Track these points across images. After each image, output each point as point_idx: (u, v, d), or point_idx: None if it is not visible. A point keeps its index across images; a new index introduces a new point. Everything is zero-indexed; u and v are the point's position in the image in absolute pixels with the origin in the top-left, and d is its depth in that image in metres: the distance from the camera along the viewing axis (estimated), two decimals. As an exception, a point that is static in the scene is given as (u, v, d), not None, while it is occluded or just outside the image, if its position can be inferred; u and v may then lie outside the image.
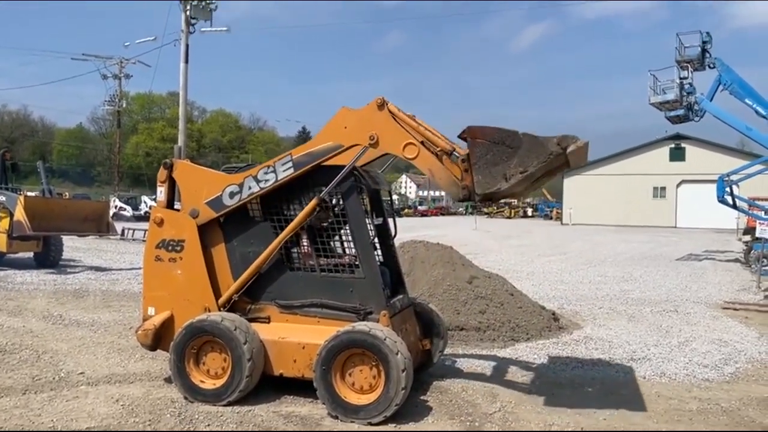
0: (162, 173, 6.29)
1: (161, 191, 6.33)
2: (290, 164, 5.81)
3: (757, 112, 19.76)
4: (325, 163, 5.80)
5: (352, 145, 5.69)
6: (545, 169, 5.15)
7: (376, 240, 6.41)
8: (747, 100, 19.84)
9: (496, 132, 5.18)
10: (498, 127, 5.21)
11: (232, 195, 5.96)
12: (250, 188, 5.90)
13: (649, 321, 10.68)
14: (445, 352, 7.13)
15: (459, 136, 5.33)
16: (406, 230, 29.44)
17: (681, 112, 21.27)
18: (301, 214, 5.79)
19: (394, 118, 5.60)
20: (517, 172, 5.04)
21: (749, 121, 20.34)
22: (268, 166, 5.90)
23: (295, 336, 5.75)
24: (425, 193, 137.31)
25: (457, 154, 5.43)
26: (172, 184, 6.33)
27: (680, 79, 20.98)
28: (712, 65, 20.76)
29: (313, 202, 5.75)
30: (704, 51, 20.81)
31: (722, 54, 20.78)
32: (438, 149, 5.46)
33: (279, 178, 5.83)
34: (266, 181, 5.86)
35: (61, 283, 13.44)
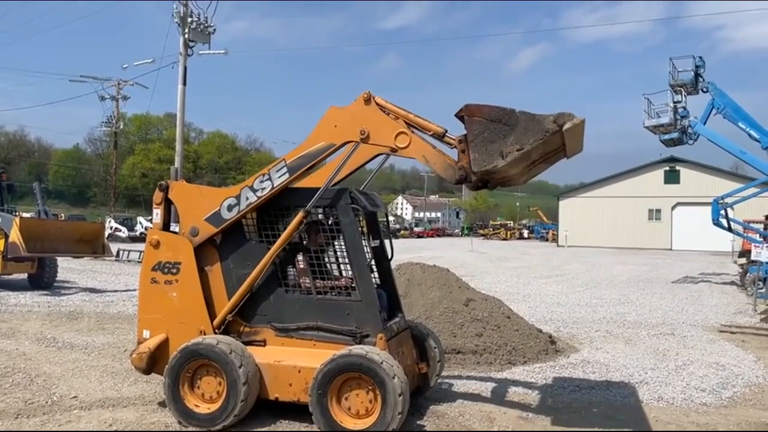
0: (158, 195, 6.29)
1: (157, 213, 6.33)
2: (285, 169, 5.81)
3: (750, 135, 19.91)
4: (317, 184, 5.82)
5: (344, 143, 5.71)
6: (542, 148, 5.14)
7: (372, 262, 6.41)
8: (740, 124, 20.00)
9: (493, 110, 5.17)
10: (495, 106, 5.20)
11: (230, 208, 5.94)
12: (247, 199, 5.89)
13: (646, 344, 10.64)
14: (441, 376, 7.08)
15: (456, 115, 5.31)
16: (402, 252, 29.41)
17: (675, 135, 21.41)
18: (288, 228, 5.78)
19: (383, 110, 5.65)
20: (513, 149, 5.01)
21: (743, 145, 20.51)
22: (263, 174, 5.90)
23: (290, 359, 5.70)
24: (421, 214, 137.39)
25: (450, 135, 5.46)
26: (168, 206, 6.32)
27: (674, 102, 21.15)
28: (705, 89, 20.96)
29: (300, 215, 5.74)
30: (697, 75, 21.01)
31: (716, 77, 21.08)
32: (430, 133, 5.51)
33: (275, 185, 5.82)
34: (263, 189, 5.86)
35: (55, 305, 13.35)
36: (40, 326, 10.81)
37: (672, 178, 55.06)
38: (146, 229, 42.45)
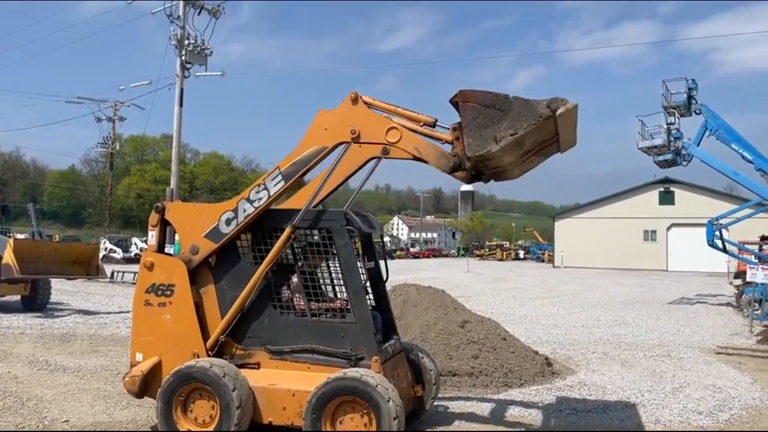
0: (153, 217, 6.28)
1: (152, 235, 6.31)
2: (279, 177, 5.82)
3: (743, 156, 20.05)
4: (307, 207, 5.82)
5: (336, 145, 5.72)
6: (535, 134, 5.15)
7: (367, 284, 6.39)
8: (733, 145, 20.14)
9: (487, 95, 5.18)
10: (488, 91, 5.21)
11: (228, 222, 5.93)
12: (245, 210, 5.88)
13: (642, 366, 10.59)
14: (437, 399, 7.02)
15: (450, 101, 5.33)
16: (398, 272, 29.37)
17: (669, 156, 21.55)
18: (277, 244, 5.76)
19: (371, 108, 5.68)
20: (507, 134, 5.01)
21: (736, 166, 20.64)
22: (259, 185, 5.89)
23: (284, 383, 5.65)
24: (417, 234, 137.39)
25: (442, 124, 5.50)
26: (163, 228, 6.31)
27: (667, 124, 21.31)
28: (698, 111, 21.14)
29: (288, 230, 5.73)
30: (690, 97, 21.21)
31: (709, 99, 21.22)
32: (421, 124, 5.55)
33: (272, 194, 5.82)
34: (259, 199, 5.86)
35: (48, 327, 13.24)
36: (33, 349, 10.71)
37: (667, 199, 55.30)
38: (141, 250, 42.29)
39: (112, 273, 26.65)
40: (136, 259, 39.08)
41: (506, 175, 5.76)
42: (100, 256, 20.62)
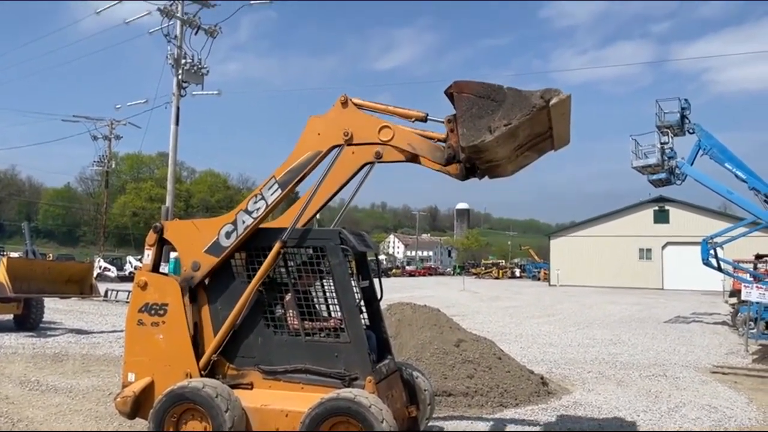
0: (151, 237, 6.25)
1: (148, 254, 6.28)
2: (276, 186, 5.82)
3: (737, 176, 20.16)
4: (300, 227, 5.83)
5: (331, 148, 5.74)
6: (529, 126, 5.16)
7: (362, 303, 6.37)
8: (727, 165, 20.27)
9: (482, 86, 5.20)
10: (483, 82, 5.23)
11: (228, 234, 5.91)
12: (244, 222, 5.87)
13: (638, 386, 10.55)
14: (432, 419, 6.97)
15: (445, 92, 5.33)
16: (393, 291, 29.32)
17: (663, 175, 21.66)
18: (267, 260, 5.74)
19: (362, 109, 5.71)
20: (501, 124, 5.02)
21: (730, 185, 20.75)
22: (256, 195, 5.89)
23: (278, 403, 5.61)
24: (413, 253, 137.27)
25: (434, 118, 5.53)
26: (160, 248, 6.29)
27: (661, 143, 21.45)
28: (691, 131, 21.30)
29: (277, 246, 5.72)
30: (683, 117, 21.38)
31: (703, 118, 21.39)
32: (413, 120, 5.59)
33: (269, 203, 5.82)
34: (257, 210, 5.85)
35: (40, 347, 13.13)
36: (24, 369, 10.61)
37: (661, 217, 55.46)
38: (135, 268, 42.12)
39: (106, 291, 26.51)
40: (130, 278, 38.89)
41: (500, 171, 5.75)
42: (94, 274, 20.55)
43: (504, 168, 5.71)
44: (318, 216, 6.65)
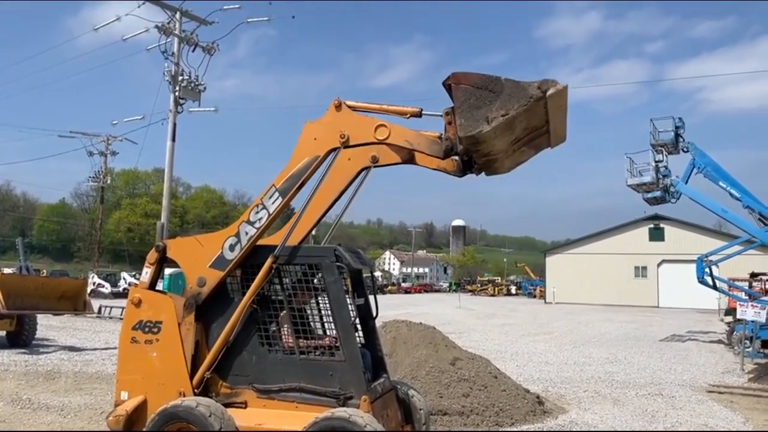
0: (152, 255, 6.20)
1: (147, 272, 6.23)
2: (277, 194, 5.80)
3: (731, 194, 20.29)
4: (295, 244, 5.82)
5: (328, 152, 5.75)
6: (526, 118, 5.17)
7: (357, 321, 6.33)
8: (721, 183, 20.40)
9: (479, 77, 5.21)
10: (481, 73, 5.25)
11: (232, 247, 5.88)
12: (247, 233, 5.84)
13: (634, 405, 10.51)
14: (427, 439, 6.91)
15: (443, 83, 5.35)
16: (389, 308, 29.18)
17: (658, 194, 21.77)
18: (260, 274, 5.72)
19: (356, 111, 5.74)
20: (498, 115, 5.03)
21: (724, 203, 20.86)
22: (258, 205, 5.86)
23: (272, 422, 5.55)
24: (409, 269, 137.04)
25: (428, 112, 5.56)
26: (160, 267, 6.26)
27: (655, 162, 21.59)
28: (685, 149, 21.46)
29: (269, 261, 5.69)
30: (677, 136, 21.55)
31: (698, 137, 21.58)
32: (407, 116, 5.61)
33: (271, 212, 5.80)
34: (260, 220, 5.82)
35: (32, 364, 13.01)
36: (16, 386, 10.51)
37: (657, 235, 55.58)
38: (130, 285, 41.90)
39: (100, 308, 26.36)
40: (124, 294, 38.66)
41: (497, 166, 5.74)
42: (88, 290, 20.43)
43: (501, 163, 5.71)
44: (313, 232, 6.63)
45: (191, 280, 5.99)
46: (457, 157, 5.52)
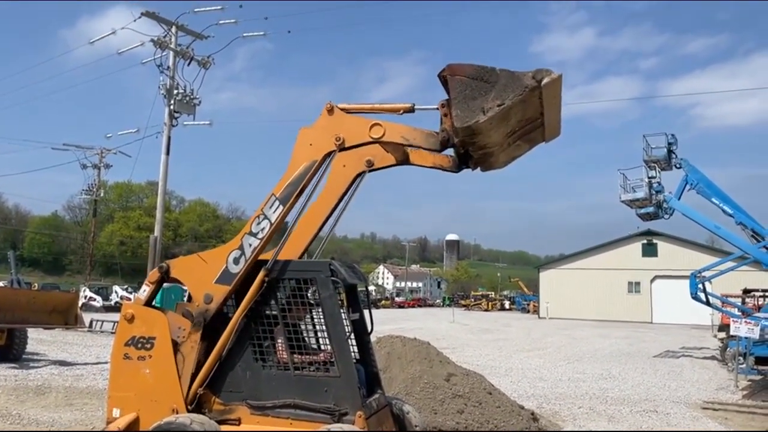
0: (154, 275, 6.16)
1: (146, 290, 6.18)
2: (277, 203, 5.79)
3: (723, 210, 20.40)
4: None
5: (325, 156, 5.75)
6: (521, 108, 5.19)
7: (352, 336, 6.30)
8: (713, 200, 20.52)
9: (475, 69, 5.24)
10: (476, 65, 5.27)
11: (236, 260, 5.84)
12: (250, 245, 5.81)
13: (629, 422, 10.47)
14: (422, 456, 6.85)
15: (439, 75, 5.36)
16: (383, 323, 29.07)
17: (651, 209, 21.85)
18: (252, 288, 5.68)
19: (349, 113, 5.75)
20: (494, 105, 5.06)
21: (717, 219, 20.96)
22: (258, 216, 5.84)
23: (266, 439, 5.50)
24: (402, 284, 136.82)
25: (421, 106, 5.58)
26: (159, 287, 6.22)
27: (648, 178, 21.69)
28: (678, 165, 21.58)
29: (261, 274, 5.66)
30: (670, 152, 21.68)
31: (690, 153, 21.79)
32: (401, 112, 5.61)
33: (273, 221, 5.78)
34: (262, 230, 5.80)
35: (22, 379, 12.86)
36: (5, 402, 10.38)
37: (650, 251, 55.73)
38: (122, 298, 41.66)
39: (91, 322, 26.13)
40: (116, 308, 38.39)
41: (492, 161, 5.77)
42: (80, 304, 20.28)
43: (496, 158, 5.74)
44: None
45: (197, 298, 5.93)
46: (452, 153, 5.55)
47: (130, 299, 31.69)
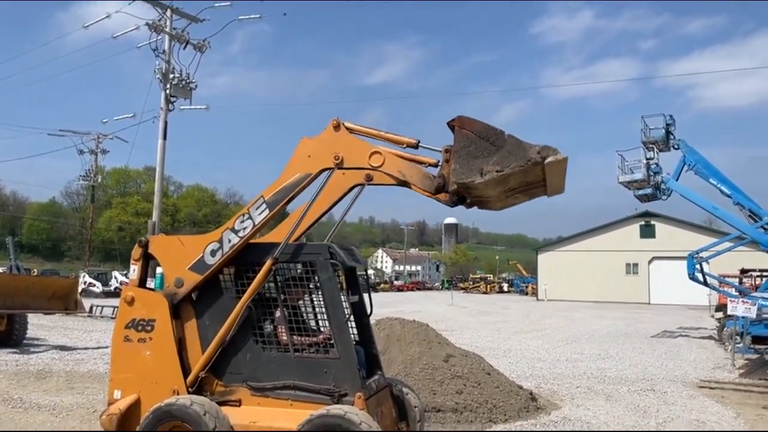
0: (136, 251, 6.19)
1: (134, 269, 6.21)
2: (264, 206, 5.77)
3: (721, 191, 20.44)
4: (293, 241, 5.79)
5: (320, 171, 5.71)
6: (521, 176, 5.15)
7: (351, 318, 6.33)
8: (711, 180, 20.54)
9: (484, 127, 5.21)
10: (486, 124, 5.24)
11: (213, 253, 5.84)
12: (230, 241, 5.81)
13: (626, 400, 10.56)
14: (421, 436, 6.91)
15: (448, 124, 5.34)
16: (382, 306, 29.21)
17: (649, 191, 21.87)
18: (258, 277, 5.69)
19: (353, 133, 5.70)
20: (493, 170, 5.01)
21: (715, 200, 21.00)
22: (243, 214, 5.83)
23: (266, 420, 5.54)
24: (401, 267, 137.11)
25: (425, 145, 5.53)
26: (146, 263, 6.23)
27: (646, 159, 21.69)
28: (676, 146, 21.58)
29: (269, 263, 5.67)
30: (668, 133, 21.66)
31: (688, 134, 21.79)
32: (404, 146, 5.58)
33: (257, 223, 5.76)
34: (244, 229, 5.79)
35: (23, 364, 12.93)
36: (7, 386, 10.43)
37: (647, 232, 55.90)
38: (121, 284, 41.69)
39: (91, 307, 26.23)
40: (115, 293, 38.51)
41: (489, 206, 5.76)
42: (79, 290, 20.31)
43: (493, 204, 5.73)
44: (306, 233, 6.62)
45: (169, 280, 5.96)
46: (449, 194, 5.50)
47: (129, 284, 31.72)
